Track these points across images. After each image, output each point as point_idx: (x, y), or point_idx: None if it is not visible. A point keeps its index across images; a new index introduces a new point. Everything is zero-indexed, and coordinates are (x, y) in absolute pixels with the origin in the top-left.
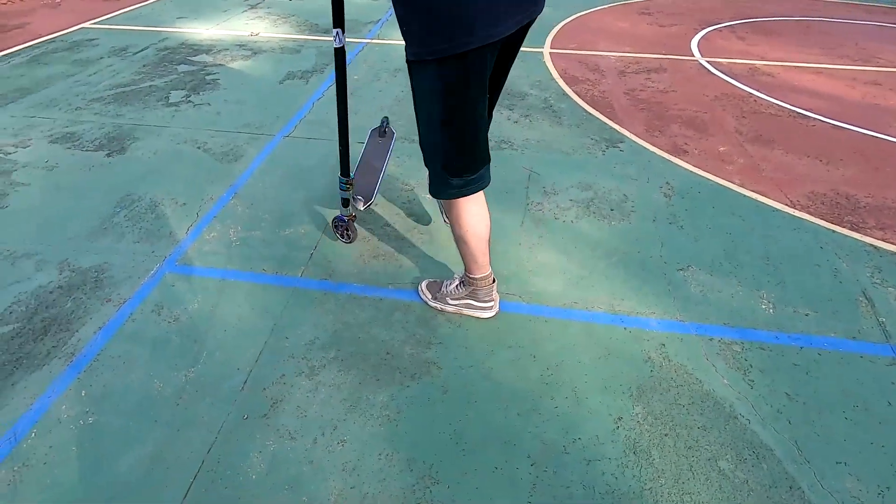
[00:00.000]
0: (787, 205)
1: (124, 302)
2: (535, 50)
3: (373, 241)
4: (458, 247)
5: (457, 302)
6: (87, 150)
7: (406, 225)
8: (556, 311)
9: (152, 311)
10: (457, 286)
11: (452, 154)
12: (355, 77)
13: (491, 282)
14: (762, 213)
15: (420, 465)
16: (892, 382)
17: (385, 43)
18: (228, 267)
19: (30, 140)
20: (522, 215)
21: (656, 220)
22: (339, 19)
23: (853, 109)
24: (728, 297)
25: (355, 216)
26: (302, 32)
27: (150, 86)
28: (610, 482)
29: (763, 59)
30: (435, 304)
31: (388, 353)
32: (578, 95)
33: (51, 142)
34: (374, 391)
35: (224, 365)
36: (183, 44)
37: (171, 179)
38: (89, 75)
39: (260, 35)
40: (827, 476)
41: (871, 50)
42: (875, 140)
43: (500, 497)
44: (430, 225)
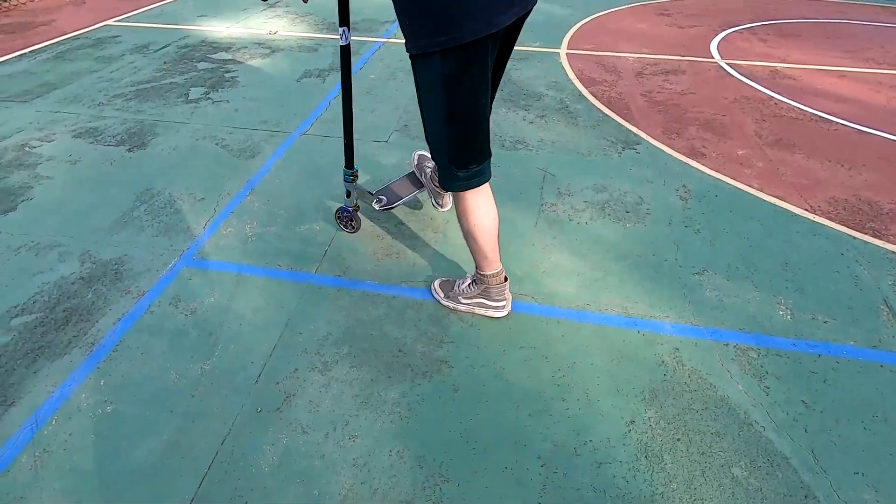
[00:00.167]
0: (806, 210)
1: (143, 294)
2: (551, 50)
3: (386, 240)
4: (467, 243)
5: (469, 301)
6: (108, 145)
7: (420, 224)
8: (569, 313)
9: (170, 304)
10: (469, 285)
11: (458, 146)
12: (372, 76)
13: (503, 280)
14: (781, 218)
15: (430, 463)
16: None
17: (402, 42)
18: (244, 262)
19: (54, 134)
20: (536, 216)
21: (672, 223)
22: (344, 18)
23: (878, 114)
24: (744, 302)
25: (359, 206)
26: (319, 31)
27: (170, 83)
28: (621, 486)
29: (784, 61)
30: (447, 303)
31: (400, 350)
32: (595, 96)
33: (74, 136)
34: (386, 388)
35: (239, 358)
36: (203, 41)
37: (189, 175)
38: (112, 72)
39: (278, 33)
40: (844, 486)
41: None
42: None
43: (510, 497)
44: (444, 224)
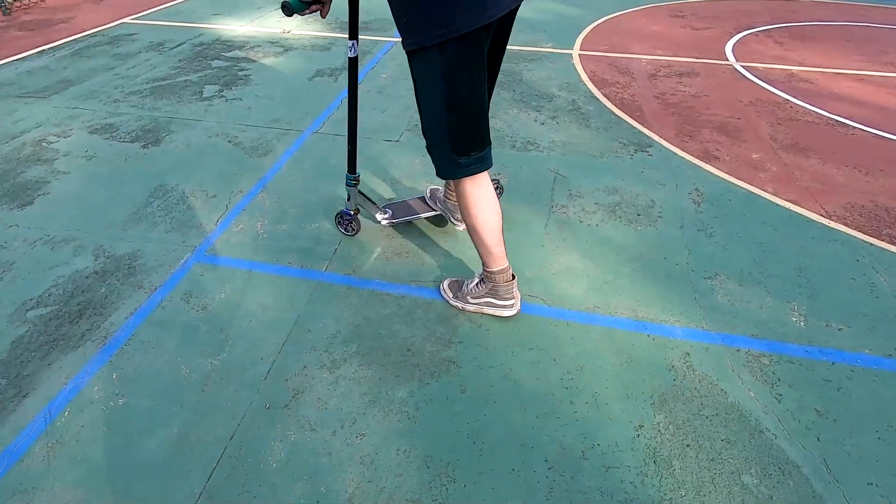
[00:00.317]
0: (822, 215)
1: (155, 289)
2: (564, 52)
3: (396, 239)
4: (472, 239)
5: (477, 300)
6: (123, 141)
7: (429, 224)
8: (579, 315)
9: (181, 299)
10: (476, 284)
11: (459, 135)
12: (383, 76)
13: (510, 278)
14: (795, 223)
15: (437, 463)
16: None
17: None
18: (255, 259)
19: (71, 130)
20: (547, 217)
21: (684, 226)
22: (354, 31)
23: None
24: (757, 307)
25: (359, 210)
26: (332, 31)
27: (185, 80)
28: (628, 490)
29: (801, 64)
30: (456, 303)
31: (408, 349)
32: (607, 98)
33: (90, 132)
34: (394, 387)
35: (248, 354)
36: (217, 40)
37: (202, 172)
38: (128, 69)
39: (291, 32)
40: (856, 497)
41: None
42: None
43: (516, 499)
44: (454, 224)
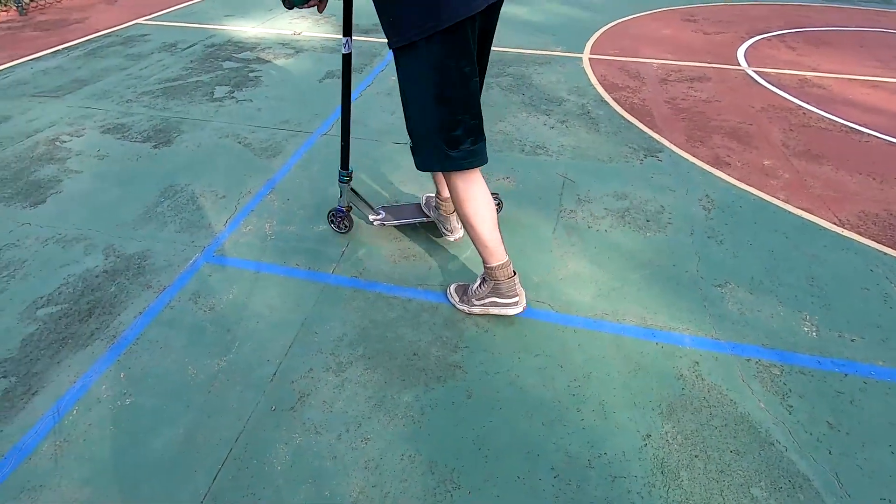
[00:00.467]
0: (835, 224)
1: (164, 289)
2: (574, 55)
3: (404, 242)
4: (468, 235)
5: (481, 301)
6: (135, 141)
7: (437, 227)
8: (586, 322)
9: (189, 300)
10: (479, 285)
11: (450, 127)
12: (393, 78)
13: (511, 274)
14: (808, 231)
15: (442, 469)
16: None
17: None
18: (263, 260)
19: (84, 129)
20: (555, 222)
21: (694, 233)
22: (348, 28)
23: None
24: (768, 316)
25: (351, 207)
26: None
27: (196, 81)
28: (635, 501)
29: (814, 70)
30: (462, 307)
31: (414, 353)
32: (617, 102)
33: (103, 132)
34: (399, 391)
35: (255, 355)
36: (229, 41)
37: (212, 172)
38: (141, 69)
39: (302, 34)
40: None
41: None
42: None
43: None
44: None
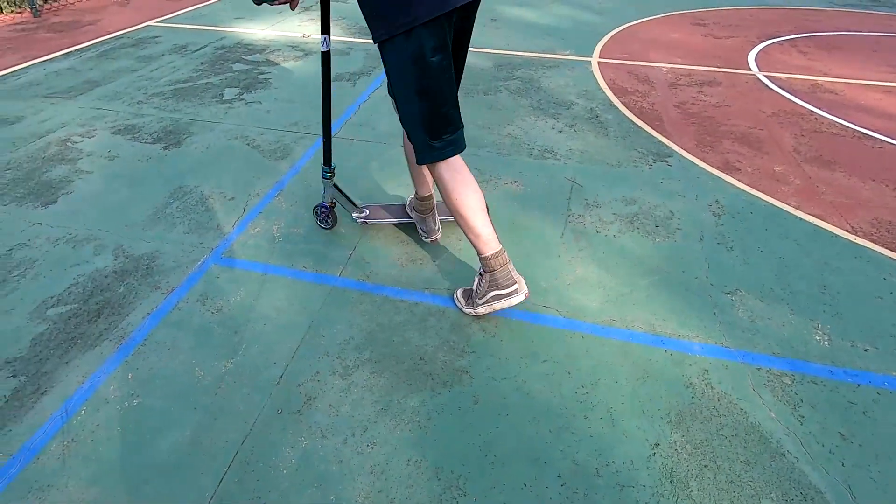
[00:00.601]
0: (847, 231)
1: (172, 290)
2: (582, 59)
3: (411, 245)
4: (459, 226)
5: (484, 299)
6: (145, 143)
7: (445, 231)
8: (594, 328)
9: (197, 301)
10: (478, 283)
11: (430, 119)
12: None
13: (506, 261)
14: (819, 238)
15: (448, 475)
16: None
17: None
18: (270, 262)
19: (95, 130)
20: (563, 227)
21: (703, 239)
22: (325, 26)
23: None
24: (779, 325)
25: (335, 203)
26: (352, 35)
27: (206, 83)
28: None
29: (826, 75)
30: (469, 311)
31: (421, 358)
32: (626, 107)
33: (113, 133)
34: (406, 396)
35: (262, 357)
36: (239, 43)
37: (221, 174)
38: (151, 71)
39: (311, 37)
40: None
41: None
42: None
43: None
44: None
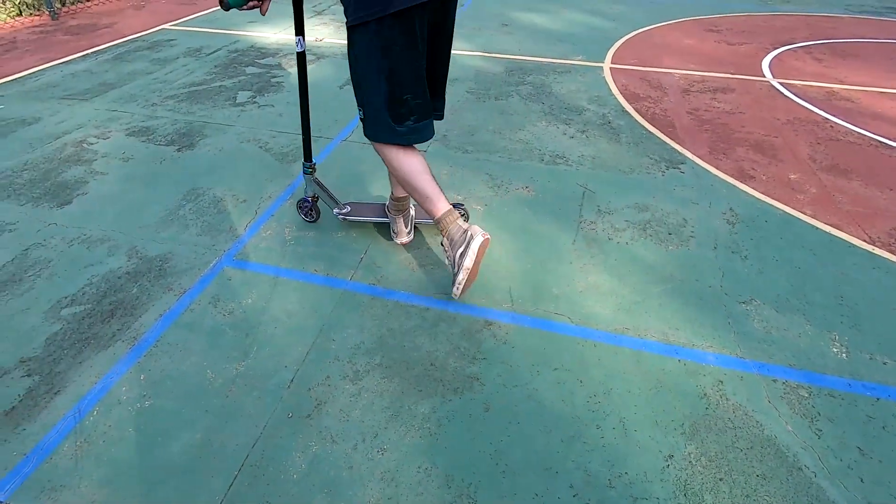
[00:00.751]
0: (865, 241)
1: (184, 292)
2: (594, 64)
3: (422, 250)
4: (410, 194)
5: (457, 266)
6: (159, 144)
7: None
8: (606, 336)
9: (209, 303)
10: (447, 253)
11: (395, 104)
12: None
13: (456, 217)
14: (836, 248)
15: (458, 483)
16: None
17: None
18: (282, 265)
19: (110, 132)
20: (574, 233)
21: (717, 247)
22: (299, 28)
23: None
24: (795, 336)
25: (318, 198)
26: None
27: (219, 86)
28: None
29: (842, 82)
30: (456, 291)
31: (431, 364)
32: (639, 113)
33: (128, 134)
34: (416, 402)
35: (273, 361)
36: (252, 47)
37: (233, 176)
38: (166, 73)
39: (324, 41)
40: None
41: None
42: None
43: None
44: None
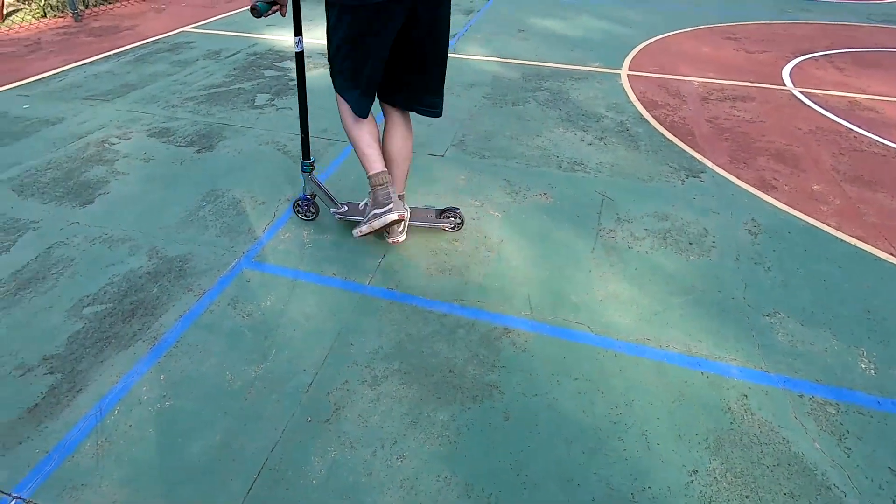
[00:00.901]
0: (891, 254)
1: (204, 293)
2: (612, 71)
3: (440, 256)
4: (354, 149)
5: (367, 218)
6: (179, 146)
7: (474, 241)
8: (627, 346)
9: (228, 305)
10: (366, 203)
11: (348, 77)
12: None
13: (387, 182)
14: (862, 261)
15: (478, 493)
16: None
17: (460, 57)
18: (300, 268)
19: (131, 133)
20: (593, 241)
21: (739, 258)
22: (298, 28)
23: None
24: (821, 350)
25: (315, 195)
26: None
27: (238, 88)
28: None
29: (864, 92)
30: (354, 231)
31: (450, 370)
32: (657, 120)
33: (149, 135)
34: (435, 409)
35: (291, 364)
36: (270, 50)
37: (252, 178)
38: (186, 75)
39: None
40: None
41: None
42: None
43: None
44: (498, 244)
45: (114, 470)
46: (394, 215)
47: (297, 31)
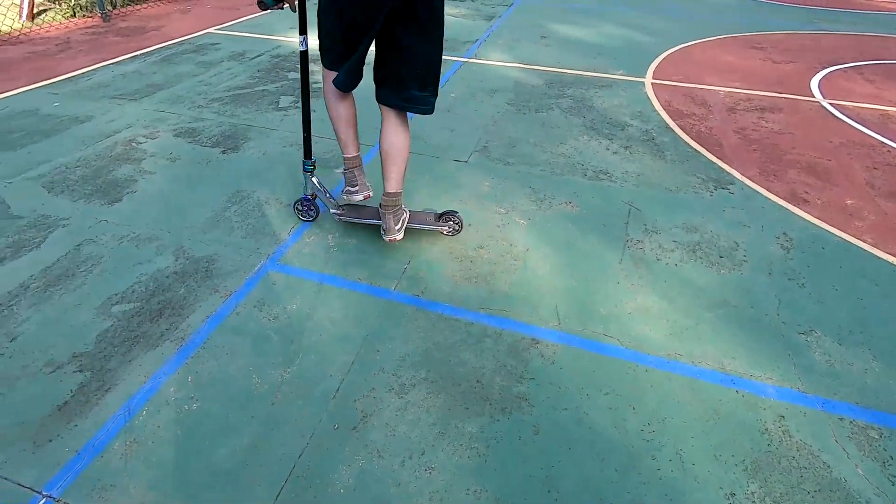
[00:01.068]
0: None
1: (230, 294)
2: (636, 79)
3: (465, 263)
4: (335, 134)
5: (345, 192)
6: (205, 146)
7: (500, 249)
8: (658, 361)
9: (255, 307)
10: (346, 183)
11: (324, 51)
12: (452, 95)
13: (356, 165)
14: None
15: None
16: None
17: (483, 63)
18: (325, 271)
19: (158, 132)
20: (621, 252)
21: (772, 273)
22: (303, 27)
23: None
24: (861, 371)
25: (315, 195)
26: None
27: (262, 90)
28: None
29: None
30: (334, 211)
31: (478, 381)
32: (683, 130)
33: (175, 135)
34: (464, 420)
35: (318, 369)
36: (294, 52)
37: (276, 179)
38: (211, 76)
39: None
40: None
41: None
42: None
43: None
44: (524, 252)
45: (142, 471)
46: (360, 196)
47: (303, 31)
